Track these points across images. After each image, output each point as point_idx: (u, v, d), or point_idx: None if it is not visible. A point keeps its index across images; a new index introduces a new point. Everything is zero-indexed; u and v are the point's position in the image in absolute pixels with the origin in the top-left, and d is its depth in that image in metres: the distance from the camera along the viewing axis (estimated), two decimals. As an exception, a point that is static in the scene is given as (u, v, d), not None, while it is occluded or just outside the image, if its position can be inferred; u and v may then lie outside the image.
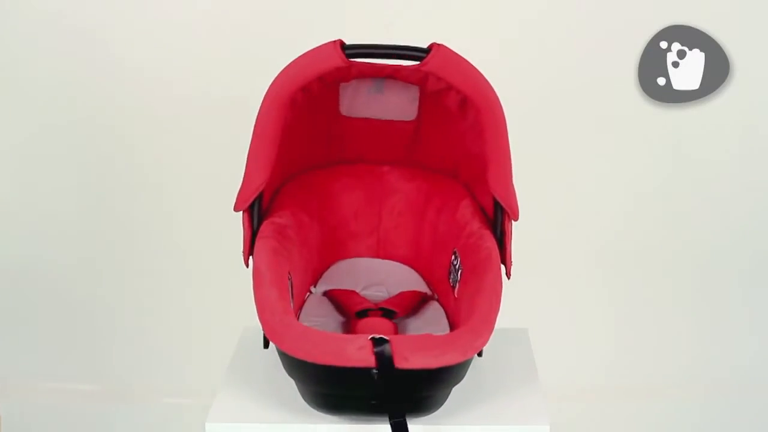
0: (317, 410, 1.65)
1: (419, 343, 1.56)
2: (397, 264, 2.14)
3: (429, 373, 1.55)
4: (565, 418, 2.70)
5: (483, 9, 2.91)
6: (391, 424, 1.55)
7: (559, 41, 2.94)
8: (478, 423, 1.68)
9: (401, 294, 2.01)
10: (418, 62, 1.78)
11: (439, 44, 1.78)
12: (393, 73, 1.92)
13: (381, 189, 2.13)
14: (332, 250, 2.13)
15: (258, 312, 1.66)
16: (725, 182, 3.05)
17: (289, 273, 1.84)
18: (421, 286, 2.07)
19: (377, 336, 1.53)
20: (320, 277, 2.10)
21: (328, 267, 2.12)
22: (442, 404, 1.66)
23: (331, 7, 2.83)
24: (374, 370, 1.53)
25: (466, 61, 1.80)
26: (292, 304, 1.79)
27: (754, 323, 3.15)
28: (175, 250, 2.95)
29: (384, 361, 1.51)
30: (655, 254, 3.11)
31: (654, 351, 3.16)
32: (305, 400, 1.66)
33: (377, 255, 2.15)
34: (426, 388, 1.60)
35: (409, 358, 1.53)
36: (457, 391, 1.72)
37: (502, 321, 2.05)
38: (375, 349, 1.52)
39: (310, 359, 1.56)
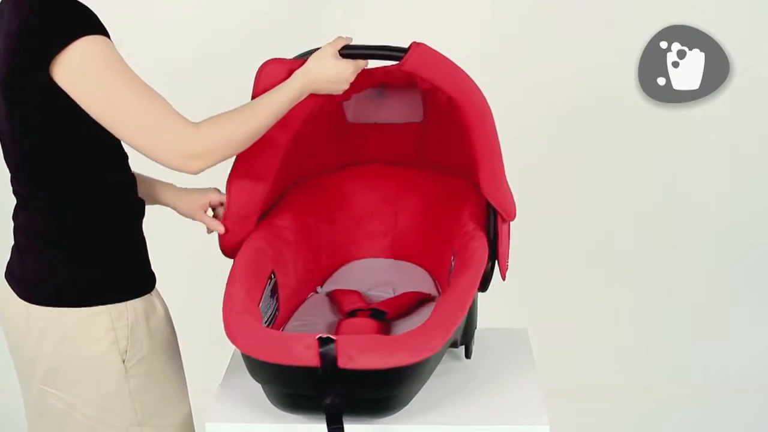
0: (281, 410, 1.65)
1: (367, 344, 1.56)
2: (411, 265, 2.13)
3: (380, 373, 1.54)
4: (565, 418, 2.69)
5: (483, 9, 2.91)
6: (329, 430, 1.54)
7: (560, 41, 2.94)
8: (478, 422, 1.68)
9: (402, 295, 2.01)
10: (396, 62, 1.73)
11: (418, 43, 1.73)
12: (384, 79, 1.91)
13: (395, 190, 2.11)
14: (345, 250, 2.13)
15: (222, 309, 1.67)
16: (725, 182, 3.05)
17: (273, 272, 1.84)
18: (429, 287, 2.06)
19: (324, 335, 1.53)
20: (329, 277, 2.10)
21: (338, 267, 2.12)
22: (407, 404, 1.65)
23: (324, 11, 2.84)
24: (319, 370, 1.52)
25: (447, 59, 1.74)
26: (275, 304, 1.80)
27: (754, 324, 3.15)
28: (175, 250, 2.95)
29: (328, 360, 1.51)
30: (654, 254, 3.11)
31: (653, 351, 3.16)
32: (269, 400, 1.67)
33: (392, 255, 2.14)
34: (381, 389, 1.58)
35: (355, 358, 1.52)
36: (457, 391, 1.72)
37: (502, 321, 2.05)
38: (320, 349, 1.52)
39: (259, 357, 1.57)
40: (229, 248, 1.87)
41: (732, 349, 3.14)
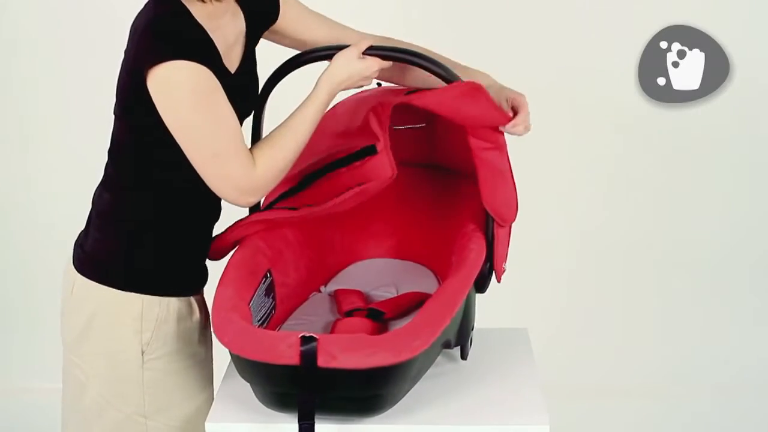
0: (268, 408, 1.66)
1: (349, 343, 1.56)
2: (416, 265, 2.12)
3: (361, 373, 1.54)
4: (565, 418, 2.70)
5: (483, 9, 2.92)
6: (299, 425, 1.55)
7: (560, 41, 2.94)
8: (478, 422, 1.68)
9: (402, 295, 2.01)
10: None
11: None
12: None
13: (401, 190, 2.11)
14: (350, 251, 2.13)
15: (212, 307, 1.70)
16: (725, 182, 3.05)
17: (269, 271, 1.86)
18: (433, 288, 2.04)
19: (308, 334, 1.53)
20: (333, 277, 2.10)
21: (344, 267, 2.13)
22: (395, 404, 1.65)
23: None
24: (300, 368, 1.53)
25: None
26: (270, 302, 1.82)
27: (757, 323, 3.15)
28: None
29: (308, 358, 1.52)
30: (655, 254, 3.12)
31: (654, 351, 3.16)
32: (257, 398, 1.67)
33: (397, 256, 2.14)
34: (364, 389, 1.58)
35: (337, 357, 1.52)
36: (457, 391, 1.72)
37: (502, 321, 2.05)
38: (301, 347, 1.52)
39: (244, 355, 1.58)
40: (220, 252, 1.90)
41: (734, 349, 3.14)
